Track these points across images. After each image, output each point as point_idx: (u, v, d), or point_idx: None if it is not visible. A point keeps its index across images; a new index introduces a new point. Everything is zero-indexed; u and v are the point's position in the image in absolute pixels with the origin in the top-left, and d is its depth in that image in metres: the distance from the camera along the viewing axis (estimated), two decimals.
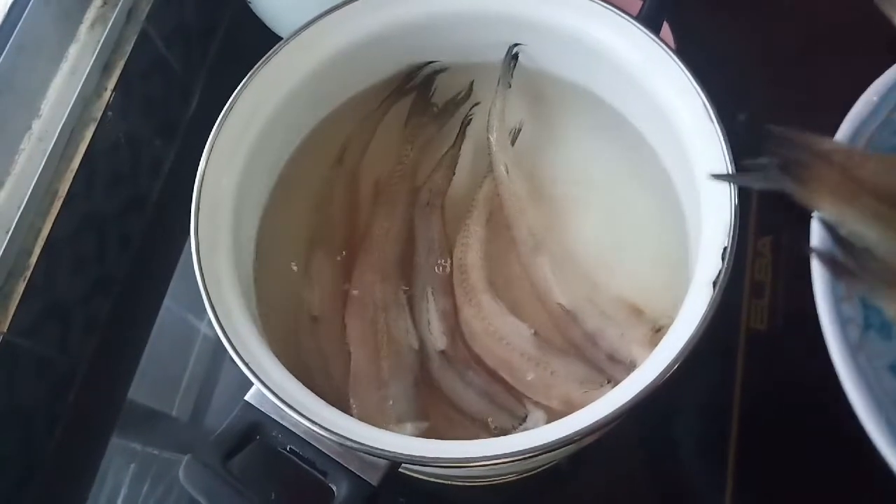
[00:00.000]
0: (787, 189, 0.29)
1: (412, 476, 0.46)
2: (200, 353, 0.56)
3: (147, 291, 0.58)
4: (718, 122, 0.36)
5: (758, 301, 0.52)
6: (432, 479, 0.47)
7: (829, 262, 0.29)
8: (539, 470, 0.47)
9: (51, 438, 0.53)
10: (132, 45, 0.57)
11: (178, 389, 0.55)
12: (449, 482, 0.48)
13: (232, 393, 0.54)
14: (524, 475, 0.47)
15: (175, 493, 0.52)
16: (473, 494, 0.49)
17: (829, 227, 0.29)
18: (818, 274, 0.30)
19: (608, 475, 0.50)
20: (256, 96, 0.40)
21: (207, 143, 0.38)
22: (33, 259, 0.50)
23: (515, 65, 0.45)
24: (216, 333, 0.56)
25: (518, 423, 0.38)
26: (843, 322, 0.30)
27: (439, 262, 0.43)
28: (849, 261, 0.28)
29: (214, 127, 0.38)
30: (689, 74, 0.37)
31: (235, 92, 0.39)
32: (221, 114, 0.39)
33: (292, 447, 0.34)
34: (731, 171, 0.34)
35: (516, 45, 0.45)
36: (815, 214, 0.30)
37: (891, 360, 0.29)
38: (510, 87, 0.45)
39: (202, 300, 0.56)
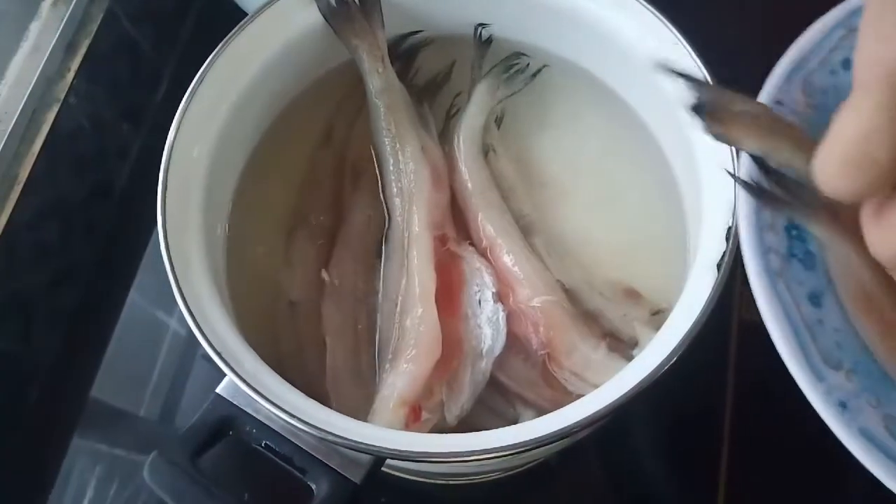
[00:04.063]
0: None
1: (393, 475, 0.44)
2: (170, 351, 0.54)
3: (114, 283, 0.56)
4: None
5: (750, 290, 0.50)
6: (415, 478, 0.45)
7: (756, 189, 0.27)
8: (525, 467, 0.45)
9: (12, 437, 0.50)
10: (98, 23, 0.54)
11: (146, 388, 0.53)
12: (432, 480, 0.46)
13: (203, 392, 0.51)
14: (510, 472, 0.45)
15: (143, 496, 0.49)
16: (458, 493, 0.48)
17: (758, 159, 0.28)
18: (742, 203, 0.29)
19: (597, 472, 0.49)
20: (230, 67, 0.38)
21: (177, 114, 0.36)
22: None
23: (489, 46, 0.44)
24: (187, 330, 0.55)
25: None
26: (764, 250, 0.28)
27: None
28: (777, 189, 0.27)
29: (185, 97, 0.36)
30: (688, 48, 0.36)
31: (207, 61, 0.37)
32: (192, 83, 0.36)
33: (268, 443, 0.32)
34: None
35: (481, 25, 0.43)
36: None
37: (811, 288, 0.29)
38: (482, 69, 0.44)
39: (172, 293, 0.55)
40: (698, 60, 0.36)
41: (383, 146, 0.42)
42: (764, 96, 0.30)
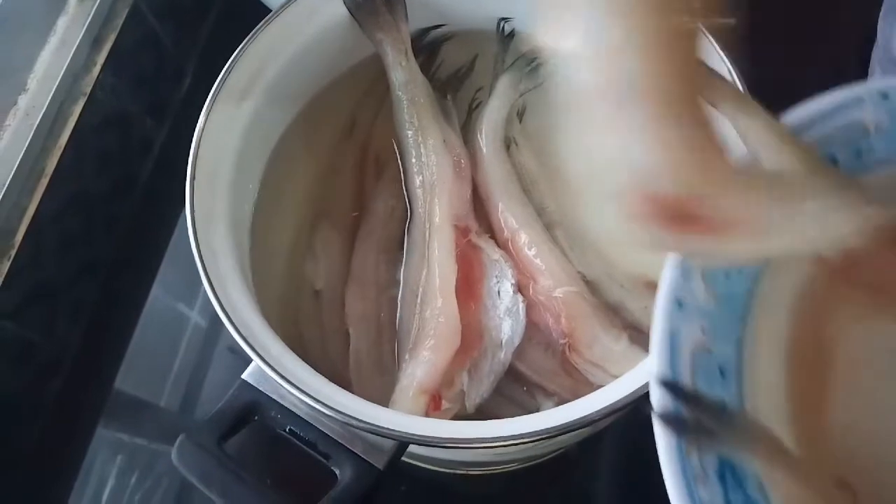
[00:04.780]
0: None
1: (413, 464, 0.44)
2: (191, 343, 0.54)
3: (136, 275, 0.56)
4: (743, 87, 0.34)
5: None
6: (435, 468, 0.45)
7: (675, 422, 0.24)
8: (544, 458, 0.45)
9: (36, 427, 0.51)
10: (123, 19, 0.55)
11: (167, 380, 0.53)
12: (452, 470, 0.46)
13: (224, 384, 0.52)
14: (529, 463, 0.45)
15: (163, 487, 0.50)
16: (477, 484, 0.48)
17: (671, 384, 0.25)
18: (662, 451, 0.25)
19: (616, 464, 0.48)
20: (257, 59, 0.38)
21: (206, 104, 0.36)
22: (18, 238, 0.48)
23: (511, 40, 0.44)
24: (208, 322, 0.56)
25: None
26: None
27: None
28: (701, 417, 0.24)
29: (213, 88, 0.37)
30: (710, 37, 0.36)
31: (235, 53, 0.37)
32: (221, 74, 0.37)
33: (292, 428, 0.33)
34: None
35: (504, 19, 0.44)
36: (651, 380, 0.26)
37: None
38: (505, 63, 0.44)
39: (193, 287, 0.56)
40: (724, 56, 0.36)
41: (406, 139, 0.42)
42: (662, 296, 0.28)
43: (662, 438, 0.25)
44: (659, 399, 0.25)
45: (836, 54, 0.58)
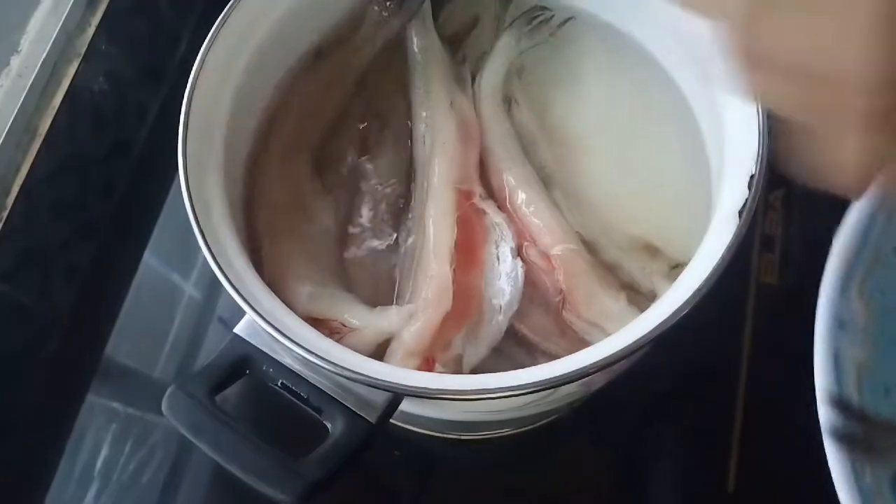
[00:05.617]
0: None
1: (407, 428, 0.44)
2: (185, 314, 0.54)
3: (130, 240, 0.56)
4: None
5: (768, 255, 0.50)
6: (428, 432, 0.45)
7: (846, 439, 0.24)
8: (539, 424, 0.45)
9: (28, 390, 0.50)
10: None
11: (161, 350, 0.53)
12: (445, 434, 0.46)
13: None
14: (524, 428, 0.45)
15: (158, 458, 0.50)
16: (471, 449, 0.48)
17: (839, 401, 0.25)
18: (836, 466, 0.25)
19: (610, 431, 0.49)
20: (254, 8, 0.37)
21: (198, 57, 0.36)
22: (10, 199, 0.48)
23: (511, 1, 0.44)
24: (203, 294, 0.56)
25: None
26: None
27: None
28: (875, 435, 0.24)
29: (206, 40, 0.36)
30: None
31: (230, 4, 0.36)
32: (215, 25, 0.36)
33: (284, 382, 0.32)
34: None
35: None
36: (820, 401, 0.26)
37: None
38: (506, 22, 0.44)
39: (188, 256, 0.55)
40: None
41: (415, 101, 0.42)
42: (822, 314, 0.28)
43: (835, 457, 0.25)
44: (829, 418, 0.26)
45: None
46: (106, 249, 0.55)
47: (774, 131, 0.32)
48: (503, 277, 0.38)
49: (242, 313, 0.32)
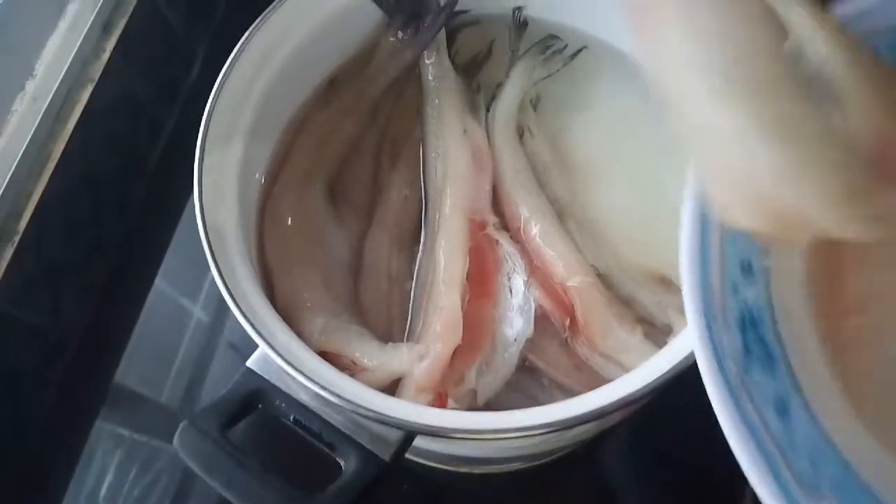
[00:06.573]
0: None
1: (417, 462, 0.44)
2: (193, 339, 0.54)
3: (142, 262, 0.56)
4: None
5: None
6: (439, 466, 0.44)
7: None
8: (551, 458, 0.44)
9: (40, 411, 0.50)
10: (134, 4, 0.55)
11: (168, 375, 0.53)
12: (456, 468, 0.45)
13: (225, 381, 0.51)
14: (536, 462, 0.44)
15: (162, 484, 0.49)
16: (482, 483, 0.47)
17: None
18: (689, 296, 0.26)
19: (624, 465, 0.48)
20: (269, 39, 0.38)
21: (216, 84, 0.36)
22: (23, 223, 0.48)
23: (525, 29, 0.44)
24: (211, 318, 0.55)
25: None
26: (720, 359, 0.25)
27: None
28: None
29: (224, 67, 0.36)
30: None
31: (248, 31, 0.37)
32: (231, 55, 0.36)
33: (297, 417, 0.32)
34: None
35: (518, 8, 0.43)
36: None
37: (775, 394, 0.25)
38: (520, 51, 0.44)
39: (197, 281, 0.55)
40: None
41: (429, 130, 0.42)
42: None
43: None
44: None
45: None
46: (118, 270, 0.55)
47: None
48: (515, 309, 0.38)
49: (252, 340, 0.32)
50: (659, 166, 0.42)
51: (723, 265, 0.27)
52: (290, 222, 0.40)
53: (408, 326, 0.39)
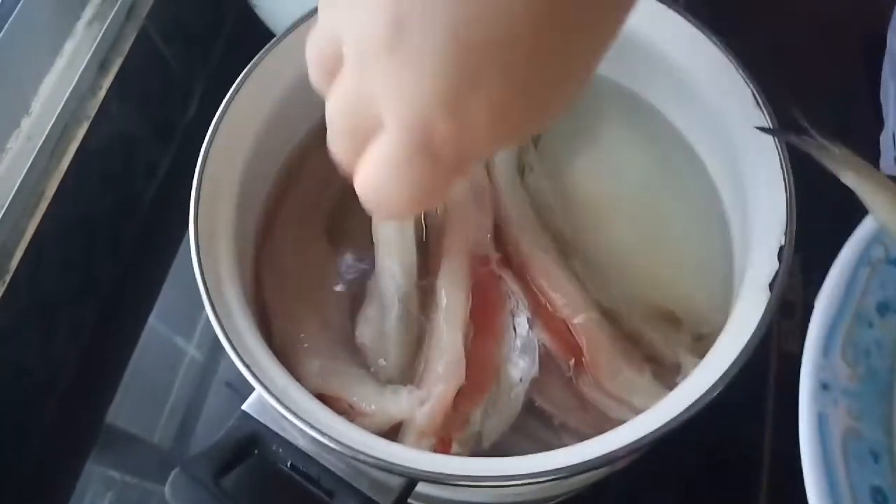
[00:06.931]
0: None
1: None
2: (186, 378, 0.53)
3: (135, 301, 0.55)
4: (770, 114, 0.33)
5: (788, 322, 0.49)
6: None
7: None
8: (558, 499, 0.43)
9: (26, 453, 0.49)
10: (131, 42, 0.55)
11: (161, 415, 0.52)
12: None
13: (220, 421, 0.50)
14: None
15: None
16: None
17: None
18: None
19: None
20: (265, 79, 0.37)
21: (211, 125, 0.35)
22: (14, 262, 0.47)
23: None
24: (204, 357, 0.54)
25: None
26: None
27: None
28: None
29: (220, 108, 0.35)
30: (735, 64, 0.35)
31: (243, 74, 0.36)
32: (227, 96, 0.36)
33: (294, 463, 0.31)
34: (784, 162, 0.32)
35: None
36: None
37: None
38: None
39: (191, 319, 0.54)
40: (746, 77, 0.35)
41: None
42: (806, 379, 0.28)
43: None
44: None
45: (846, 65, 0.58)
46: (111, 309, 0.54)
47: None
48: (519, 348, 0.37)
49: (246, 380, 0.31)
50: (664, 204, 0.41)
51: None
52: (287, 261, 0.39)
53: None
